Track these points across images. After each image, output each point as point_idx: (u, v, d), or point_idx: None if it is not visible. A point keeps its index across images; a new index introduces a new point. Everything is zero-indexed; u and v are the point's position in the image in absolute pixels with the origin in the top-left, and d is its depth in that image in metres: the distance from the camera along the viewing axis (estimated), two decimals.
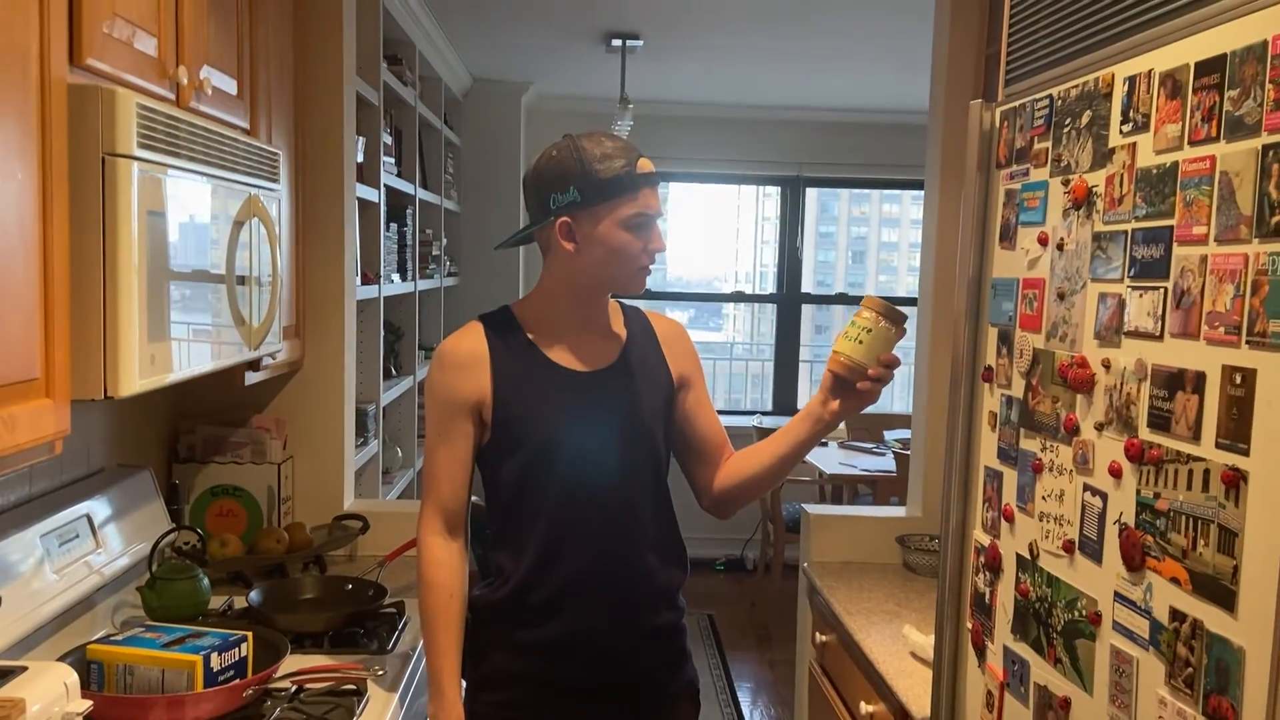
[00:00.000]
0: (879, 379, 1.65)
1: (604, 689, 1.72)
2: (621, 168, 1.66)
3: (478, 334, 1.74)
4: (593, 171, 1.66)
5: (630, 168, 1.66)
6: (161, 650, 1.64)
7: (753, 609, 5.29)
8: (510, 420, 1.69)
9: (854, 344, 1.65)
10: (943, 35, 2.70)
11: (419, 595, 1.72)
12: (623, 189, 1.66)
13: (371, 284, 3.38)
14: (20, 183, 1.27)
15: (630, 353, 1.78)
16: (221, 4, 1.93)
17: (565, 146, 1.69)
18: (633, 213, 1.67)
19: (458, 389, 1.70)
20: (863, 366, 1.64)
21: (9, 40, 1.24)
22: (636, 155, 1.69)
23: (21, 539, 1.75)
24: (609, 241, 1.68)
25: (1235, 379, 1.03)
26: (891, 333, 1.65)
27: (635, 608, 1.73)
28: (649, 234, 1.70)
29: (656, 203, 1.70)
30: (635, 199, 1.67)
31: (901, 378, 7.40)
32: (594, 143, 1.68)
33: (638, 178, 1.67)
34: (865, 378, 1.65)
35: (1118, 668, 1.23)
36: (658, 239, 1.71)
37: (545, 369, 1.72)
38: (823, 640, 2.48)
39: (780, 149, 6.01)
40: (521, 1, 3.84)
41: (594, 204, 1.66)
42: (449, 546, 1.72)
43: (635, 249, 1.69)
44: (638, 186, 1.67)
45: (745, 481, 1.80)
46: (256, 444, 2.56)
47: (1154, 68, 1.19)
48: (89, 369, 1.46)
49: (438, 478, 1.73)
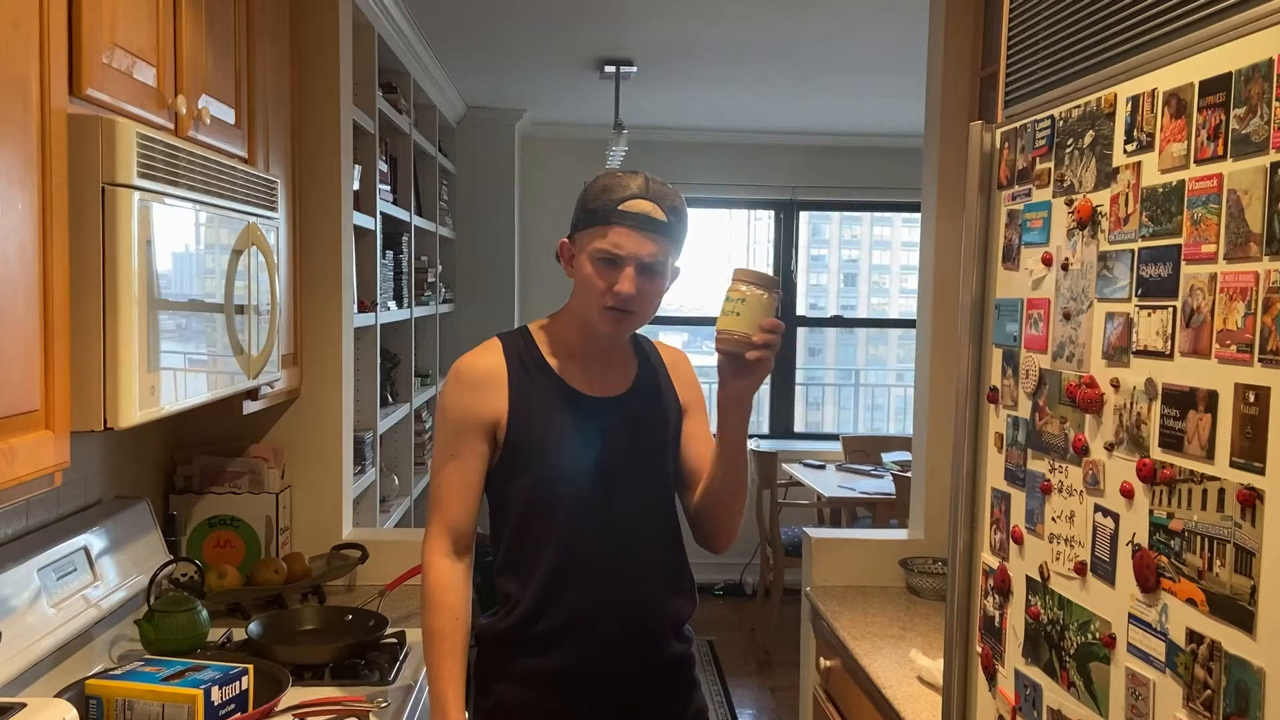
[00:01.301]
0: (766, 345, 1.56)
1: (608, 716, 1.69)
2: (609, 200, 1.62)
3: (496, 352, 1.72)
4: (588, 198, 1.65)
5: (616, 203, 1.61)
6: (161, 684, 1.61)
7: (753, 634, 5.25)
8: (521, 442, 1.67)
9: (732, 317, 1.57)
10: (937, 58, 2.72)
11: (423, 619, 1.68)
12: (596, 220, 1.63)
13: (368, 311, 3.37)
14: (20, 213, 1.26)
15: (643, 380, 1.77)
16: (219, 34, 1.94)
17: (602, 174, 1.68)
18: (598, 247, 1.62)
19: (475, 409, 1.67)
20: (746, 336, 1.57)
21: (10, 70, 1.24)
22: (633, 196, 1.62)
23: (19, 573, 1.73)
24: (580, 271, 1.66)
25: (1249, 397, 1.03)
26: (765, 298, 1.57)
27: (644, 638, 1.70)
28: (615, 275, 1.62)
29: (632, 245, 1.61)
30: (604, 233, 1.61)
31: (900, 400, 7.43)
32: (618, 176, 1.65)
33: (613, 213, 1.61)
34: (753, 346, 1.56)
35: (1134, 691, 1.21)
36: (623, 282, 1.61)
37: (559, 392, 1.70)
38: (827, 665, 2.46)
39: (773, 173, 6.03)
40: (515, 30, 3.85)
41: (578, 230, 1.66)
42: (455, 568, 1.68)
43: (598, 286, 1.63)
44: (609, 221, 1.61)
45: (707, 491, 1.73)
46: (254, 474, 2.55)
47: (1157, 87, 1.19)
48: (88, 400, 1.44)
49: (447, 497, 1.68)
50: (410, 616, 2.37)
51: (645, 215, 1.62)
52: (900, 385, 7.30)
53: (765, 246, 6.54)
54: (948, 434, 2.36)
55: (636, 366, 1.78)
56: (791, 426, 6.38)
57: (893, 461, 5.13)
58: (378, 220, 3.46)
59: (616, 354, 1.77)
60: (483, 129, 5.49)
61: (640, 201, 1.62)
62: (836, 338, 7.94)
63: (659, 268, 1.64)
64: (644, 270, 1.63)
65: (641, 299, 1.64)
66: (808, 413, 7.12)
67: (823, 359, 8.00)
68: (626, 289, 1.61)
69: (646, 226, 1.62)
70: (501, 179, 5.54)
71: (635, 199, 1.62)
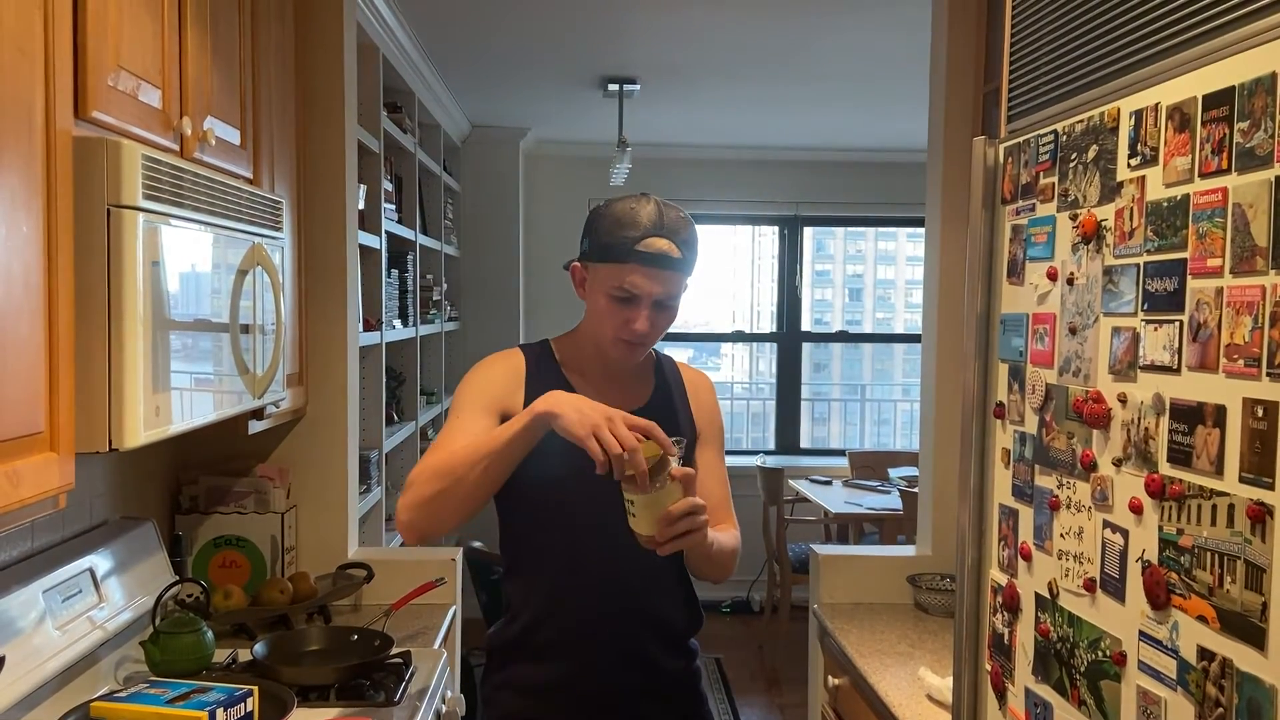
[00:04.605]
0: (675, 536, 1.46)
1: None
2: (625, 237, 1.60)
3: (518, 359, 1.75)
4: (602, 229, 1.64)
5: (632, 242, 1.59)
6: (166, 707, 1.61)
7: (761, 652, 5.22)
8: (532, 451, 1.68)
9: (634, 519, 1.49)
10: (939, 73, 2.72)
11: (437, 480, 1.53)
12: (611, 257, 1.61)
13: (373, 330, 3.38)
14: (25, 234, 1.26)
15: (658, 397, 1.77)
16: (224, 55, 1.95)
17: (613, 201, 1.66)
18: (615, 284, 1.62)
19: (492, 389, 1.69)
20: (651, 539, 1.48)
21: (15, 93, 1.24)
22: (653, 234, 1.59)
23: (24, 595, 1.72)
24: (595, 302, 1.66)
25: (1257, 412, 1.02)
26: (656, 493, 1.44)
27: (646, 652, 1.71)
28: (630, 312, 1.62)
29: (649, 285, 1.60)
30: (620, 272, 1.60)
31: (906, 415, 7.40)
32: (631, 207, 1.63)
33: (632, 252, 1.59)
34: (660, 544, 1.47)
35: (1145, 709, 1.20)
36: (638, 321, 1.62)
37: None
38: (835, 684, 2.44)
39: (777, 189, 6.04)
40: (519, 49, 3.87)
41: (591, 260, 1.66)
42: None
43: (612, 321, 1.64)
44: (627, 260, 1.60)
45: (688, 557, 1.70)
46: (260, 493, 2.54)
47: (1160, 101, 1.19)
48: (93, 421, 1.44)
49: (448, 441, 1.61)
50: (416, 636, 2.36)
51: (663, 255, 1.60)
52: (906, 400, 7.28)
53: (770, 262, 6.55)
54: (954, 449, 2.35)
55: (654, 384, 1.79)
56: (798, 442, 6.36)
57: (900, 477, 5.11)
58: (383, 239, 3.47)
59: (633, 371, 1.78)
60: (487, 147, 5.51)
61: (656, 240, 1.60)
62: (842, 353, 7.93)
63: (673, 301, 1.66)
64: (659, 305, 1.64)
65: (655, 331, 1.66)
66: (814, 428, 7.10)
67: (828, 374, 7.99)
68: (642, 328, 1.63)
69: (663, 265, 1.61)
70: (506, 197, 5.55)
71: (651, 237, 1.60)
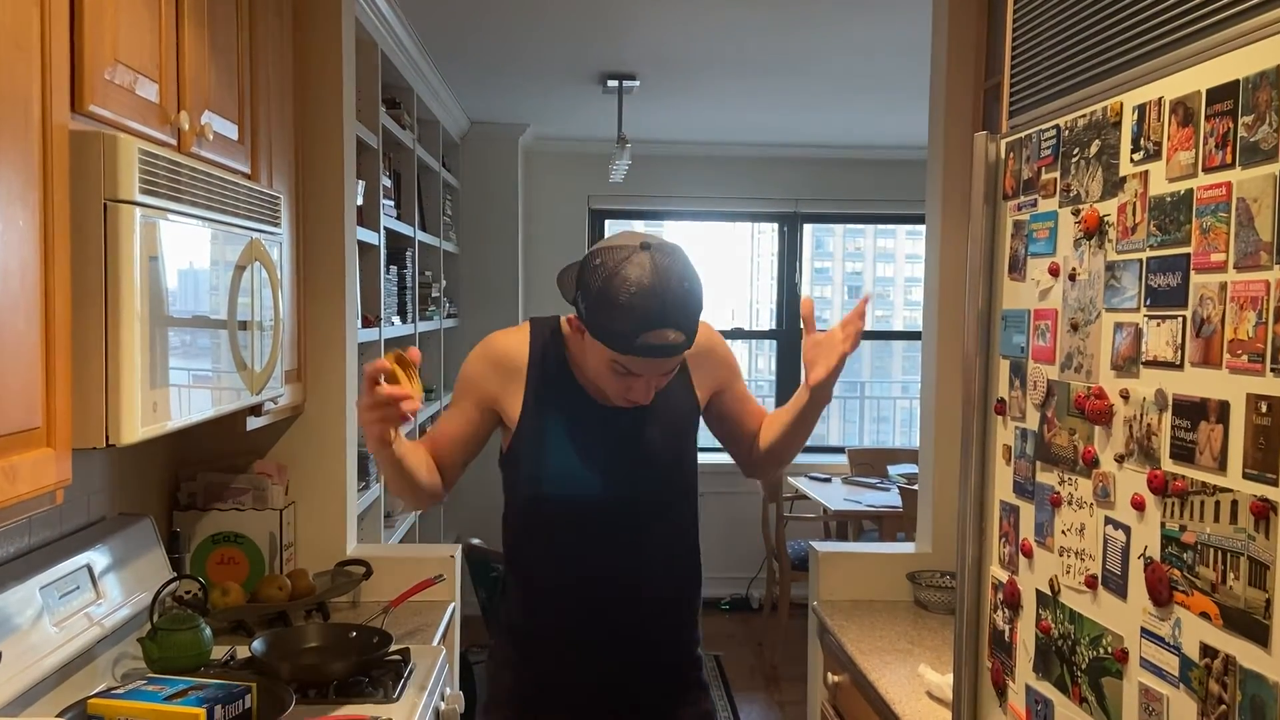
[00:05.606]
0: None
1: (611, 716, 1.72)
2: (624, 329, 1.53)
3: (524, 340, 1.75)
4: (601, 308, 1.55)
5: (634, 335, 1.53)
6: (164, 704, 1.60)
7: (760, 649, 5.22)
8: (528, 435, 1.70)
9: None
10: (939, 69, 2.72)
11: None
12: (613, 345, 1.57)
13: (372, 326, 3.37)
14: (22, 229, 1.26)
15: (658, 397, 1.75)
16: (222, 49, 1.94)
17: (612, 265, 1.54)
18: (617, 360, 1.58)
19: (483, 384, 1.73)
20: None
21: (11, 87, 1.23)
22: (656, 325, 1.53)
23: (21, 592, 1.72)
24: (594, 363, 1.63)
25: (1261, 408, 1.01)
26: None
27: (641, 637, 1.73)
28: (632, 381, 1.61)
29: (651, 368, 1.59)
30: (623, 356, 1.57)
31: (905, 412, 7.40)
32: (628, 285, 1.52)
33: (636, 346, 1.54)
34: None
35: (1147, 706, 1.20)
36: (639, 393, 1.61)
37: (572, 395, 1.72)
38: (835, 681, 2.44)
39: (776, 186, 6.03)
40: (518, 45, 3.86)
41: (589, 329, 1.60)
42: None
43: (614, 388, 1.63)
44: (628, 353, 1.56)
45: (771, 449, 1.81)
46: (258, 490, 2.53)
47: (1164, 95, 1.19)
48: (90, 417, 1.43)
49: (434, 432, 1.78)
50: (415, 633, 2.36)
51: (666, 346, 1.55)
52: (905, 398, 7.28)
53: (769, 260, 6.54)
54: (955, 446, 2.34)
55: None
56: None
57: (899, 474, 5.10)
58: (381, 235, 3.46)
59: None
60: (486, 144, 5.50)
61: (660, 333, 1.54)
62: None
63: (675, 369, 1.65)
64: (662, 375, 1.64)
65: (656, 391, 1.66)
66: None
67: None
68: (643, 400, 1.63)
69: (667, 354, 1.57)
70: (505, 193, 5.54)
71: (655, 329, 1.53)
